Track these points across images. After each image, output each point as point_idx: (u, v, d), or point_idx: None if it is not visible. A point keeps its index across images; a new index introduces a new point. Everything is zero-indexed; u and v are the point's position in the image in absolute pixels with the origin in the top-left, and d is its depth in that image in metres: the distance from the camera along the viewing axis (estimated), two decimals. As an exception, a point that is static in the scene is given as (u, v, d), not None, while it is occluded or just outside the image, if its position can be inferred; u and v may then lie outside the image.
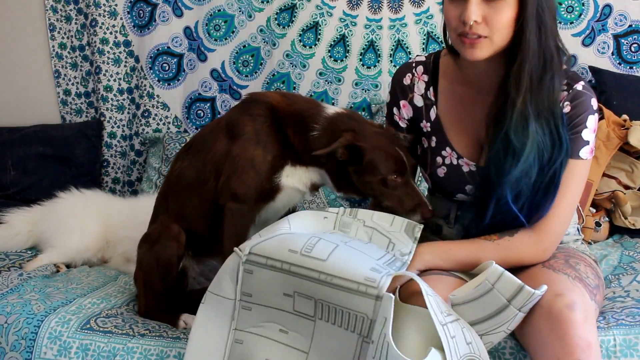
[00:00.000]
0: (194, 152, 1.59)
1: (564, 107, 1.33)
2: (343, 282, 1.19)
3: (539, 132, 1.30)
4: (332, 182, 1.52)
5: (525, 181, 1.31)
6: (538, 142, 1.29)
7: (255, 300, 1.30)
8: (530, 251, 1.36)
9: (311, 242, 1.26)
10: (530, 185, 1.31)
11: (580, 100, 1.33)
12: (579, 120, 1.33)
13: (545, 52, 1.29)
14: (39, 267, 1.92)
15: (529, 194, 1.32)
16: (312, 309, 1.24)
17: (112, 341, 1.46)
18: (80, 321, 1.52)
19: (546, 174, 1.31)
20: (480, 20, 1.26)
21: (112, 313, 1.59)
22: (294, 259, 1.24)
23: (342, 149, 1.44)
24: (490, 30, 1.27)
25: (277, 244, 1.28)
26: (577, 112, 1.33)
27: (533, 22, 1.26)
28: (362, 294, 1.18)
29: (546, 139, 1.30)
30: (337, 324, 1.22)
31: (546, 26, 1.27)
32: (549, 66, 1.29)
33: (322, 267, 1.21)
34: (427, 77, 1.49)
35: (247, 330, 1.31)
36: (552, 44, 1.29)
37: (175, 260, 1.56)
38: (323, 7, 2.52)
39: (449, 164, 1.47)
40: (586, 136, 1.34)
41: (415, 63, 1.52)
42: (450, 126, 1.47)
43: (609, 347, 1.33)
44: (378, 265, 1.23)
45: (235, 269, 1.29)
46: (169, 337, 1.48)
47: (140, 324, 1.55)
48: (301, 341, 1.27)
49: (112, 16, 2.61)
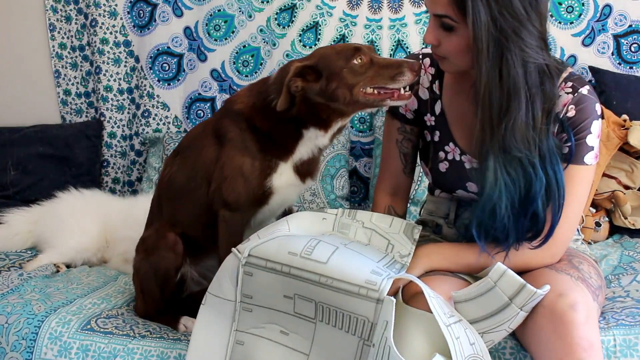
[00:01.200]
0: (182, 158, 1.58)
1: (569, 111, 1.30)
2: (344, 285, 1.19)
3: (501, 169, 1.24)
4: (320, 127, 1.44)
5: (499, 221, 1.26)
6: (501, 179, 1.24)
7: (255, 302, 1.30)
8: (539, 256, 1.34)
9: (311, 245, 1.26)
10: (508, 225, 1.27)
11: (584, 104, 1.30)
12: (584, 126, 1.30)
13: (511, 86, 1.20)
14: (39, 267, 1.92)
15: (514, 232, 1.28)
16: (313, 311, 1.24)
17: (113, 342, 1.46)
18: (81, 322, 1.52)
19: (527, 213, 1.26)
20: (436, 43, 1.30)
21: (113, 314, 1.59)
22: (294, 261, 1.24)
23: (294, 79, 1.37)
24: (445, 54, 1.31)
25: (276, 246, 1.28)
26: (581, 117, 1.30)
27: (487, 56, 1.20)
28: (362, 297, 1.17)
29: (516, 177, 1.24)
30: (338, 326, 1.22)
31: (511, 57, 1.19)
32: (515, 101, 1.21)
33: (323, 270, 1.21)
34: (434, 70, 1.48)
35: (248, 332, 1.31)
36: (520, 73, 1.20)
37: (172, 272, 1.55)
38: (323, 7, 2.52)
39: (452, 159, 1.46)
40: (590, 142, 1.30)
41: (422, 55, 1.51)
42: (455, 121, 1.45)
43: (609, 347, 1.33)
44: (378, 268, 1.23)
45: (235, 271, 1.29)
46: (169, 338, 1.48)
47: (141, 325, 1.55)
48: (302, 343, 1.27)
49: (112, 16, 2.61)
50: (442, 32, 1.28)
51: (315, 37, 2.52)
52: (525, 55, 1.20)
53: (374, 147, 2.45)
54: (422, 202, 1.82)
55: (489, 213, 1.27)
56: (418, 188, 2.25)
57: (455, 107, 1.45)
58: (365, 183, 2.52)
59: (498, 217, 1.26)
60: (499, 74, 1.21)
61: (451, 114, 1.46)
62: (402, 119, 1.54)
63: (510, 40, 1.19)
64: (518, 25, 1.19)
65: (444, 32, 1.27)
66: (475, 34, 1.20)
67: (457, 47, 1.26)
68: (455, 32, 1.25)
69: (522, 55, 1.20)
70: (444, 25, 1.26)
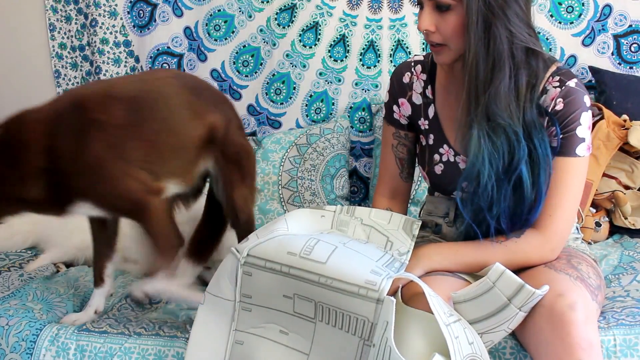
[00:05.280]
0: None
1: (557, 105, 1.33)
2: (343, 285, 1.19)
3: (484, 137, 1.30)
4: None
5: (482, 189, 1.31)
6: (484, 148, 1.30)
7: (255, 302, 1.30)
8: (538, 252, 1.36)
9: (310, 244, 1.26)
10: (491, 194, 1.32)
11: (572, 97, 1.33)
12: (572, 118, 1.33)
13: (495, 57, 1.29)
14: (39, 267, 1.92)
15: (498, 202, 1.32)
16: (313, 310, 1.24)
17: (109, 341, 1.46)
18: (78, 324, 1.53)
19: (510, 180, 1.31)
20: (433, 29, 1.33)
21: (105, 315, 1.61)
22: (293, 261, 1.24)
23: None
24: (444, 38, 1.33)
25: (275, 245, 1.28)
26: (569, 110, 1.33)
27: (476, 27, 1.28)
28: (362, 297, 1.17)
29: (500, 145, 1.30)
30: (338, 326, 1.22)
31: (497, 30, 1.28)
32: (500, 71, 1.29)
33: (322, 270, 1.21)
34: (425, 76, 1.52)
35: (247, 331, 1.31)
36: (505, 47, 1.28)
37: None
38: (323, 7, 2.52)
39: (446, 161, 1.48)
40: (581, 133, 1.33)
41: (414, 62, 1.54)
42: (447, 123, 1.48)
43: (609, 347, 1.33)
44: (378, 267, 1.23)
45: (234, 271, 1.29)
46: (165, 335, 1.48)
47: (134, 322, 1.55)
48: (302, 342, 1.27)
49: (112, 16, 2.61)
50: (437, 16, 1.31)
51: (315, 37, 2.52)
52: (509, 34, 1.28)
53: (374, 147, 2.45)
54: (422, 202, 1.83)
55: (473, 181, 1.33)
56: (418, 188, 2.25)
57: (447, 110, 1.48)
58: (365, 183, 2.52)
59: (481, 184, 1.31)
60: (486, 46, 1.29)
61: (444, 117, 1.48)
62: (396, 124, 1.58)
63: (497, 17, 1.27)
64: (503, 4, 1.27)
65: (439, 15, 1.31)
66: (468, 6, 1.27)
67: (455, 27, 1.31)
68: (451, 11, 1.30)
69: (507, 33, 1.28)
70: (440, 6, 1.30)
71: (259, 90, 2.58)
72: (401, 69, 1.56)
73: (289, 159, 2.35)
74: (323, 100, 2.54)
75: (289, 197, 2.31)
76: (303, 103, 2.55)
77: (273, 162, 2.35)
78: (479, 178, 1.32)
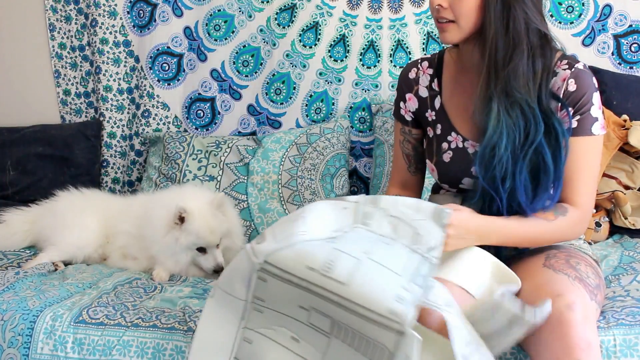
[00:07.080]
0: None
1: (569, 85, 1.38)
2: (364, 311, 1.12)
3: (503, 112, 1.35)
4: None
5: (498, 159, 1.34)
6: (503, 121, 1.34)
7: (268, 305, 1.25)
8: (576, 228, 1.40)
9: (330, 258, 1.18)
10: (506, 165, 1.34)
11: (583, 78, 1.39)
12: (585, 99, 1.38)
13: (514, 37, 1.34)
14: (37, 265, 1.91)
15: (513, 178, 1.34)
16: (329, 326, 1.19)
17: (106, 334, 1.45)
18: (73, 314, 1.52)
19: (526, 155, 1.34)
20: (445, 5, 1.37)
21: (103, 301, 1.59)
22: (313, 277, 1.17)
23: None
24: (456, 15, 1.37)
25: (294, 256, 1.20)
26: (582, 90, 1.38)
27: (497, 7, 1.33)
28: (384, 327, 1.11)
29: (517, 119, 1.34)
30: (354, 347, 1.16)
31: (515, 11, 1.33)
32: (518, 50, 1.34)
33: (344, 292, 1.14)
34: (432, 71, 1.58)
35: (257, 331, 1.26)
36: (522, 28, 1.34)
37: None
38: (323, 7, 2.51)
39: (455, 147, 1.51)
40: (595, 113, 1.38)
41: (420, 59, 1.62)
42: (455, 112, 1.52)
43: (609, 347, 1.33)
44: (403, 287, 1.15)
45: (248, 274, 1.24)
46: (163, 327, 1.48)
47: (132, 311, 1.54)
48: (313, 354, 1.21)
49: (112, 16, 2.61)
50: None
51: (315, 37, 2.52)
52: (526, 17, 1.34)
53: (374, 147, 2.45)
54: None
55: (489, 152, 1.36)
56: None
57: (454, 99, 1.52)
58: (365, 183, 2.52)
59: (497, 156, 1.35)
60: (505, 26, 1.34)
61: (450, 106, 1.53)
62: (402, 120, 1.64)
63: (514, 1, 1.33)
64: None
65: None
66: None
67: (469, 5, 1.36)
68: None
69: (524, 15, 1.34)
70: None
71: (259, 90, 2.58)
72: (408, 66, 1.63)
73: (289, 158, 2.35)
74: (323, 100, 2.54)
75: (288, 196, 2.31)
76: (303, 103, 2.55)
77: (273, 161, 2.35)
78: (495, 150, 1.35)
